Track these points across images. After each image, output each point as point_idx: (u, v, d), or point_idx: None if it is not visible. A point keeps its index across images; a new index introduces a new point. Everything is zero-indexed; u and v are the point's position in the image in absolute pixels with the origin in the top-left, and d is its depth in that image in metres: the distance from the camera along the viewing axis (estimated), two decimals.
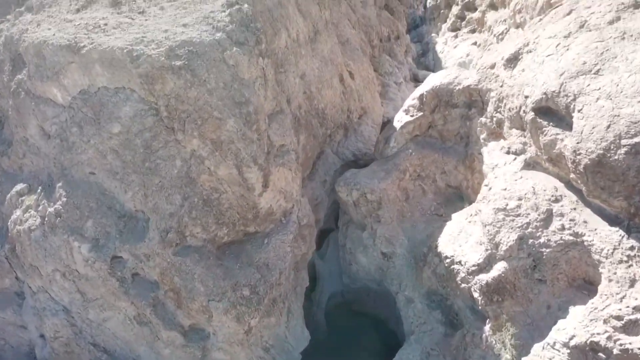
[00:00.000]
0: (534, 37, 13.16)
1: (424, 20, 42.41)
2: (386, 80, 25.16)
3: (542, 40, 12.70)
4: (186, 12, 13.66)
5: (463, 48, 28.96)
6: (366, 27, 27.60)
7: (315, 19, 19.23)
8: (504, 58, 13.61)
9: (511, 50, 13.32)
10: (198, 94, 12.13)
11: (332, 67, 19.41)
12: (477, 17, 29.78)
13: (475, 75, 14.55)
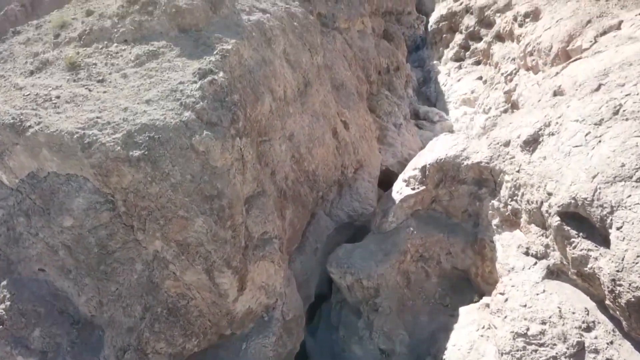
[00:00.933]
0: (556, 115, 11.25)
1: (425, 42, 40.55)
2: (384, 122, 23.25)
3: (566, 123, 10.79)
4: (151, 83, 11.76)
5: (467, 82, 27.08)
6: (363, 62, 25.72)
7: (305, 69, 17.35)
8: (520, 137, 11.71)
9: (529, 130, 11.42)
10: (160, 190, 10.22)
11: (324, 122, 17.52)
12: (482, 47, 27.89)
13: (487, 150, 12.64)
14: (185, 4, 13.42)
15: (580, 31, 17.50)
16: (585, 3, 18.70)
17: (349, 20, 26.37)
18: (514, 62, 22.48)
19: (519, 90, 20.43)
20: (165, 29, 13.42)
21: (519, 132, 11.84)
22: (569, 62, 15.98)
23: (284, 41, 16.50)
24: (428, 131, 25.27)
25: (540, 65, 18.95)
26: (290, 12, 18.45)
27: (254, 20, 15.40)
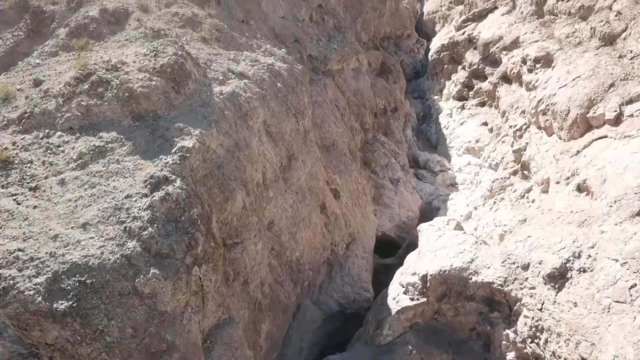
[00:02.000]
0: (588, 244, 9.15)
1: (425, 68, 38.44)
2: (380, 179, 21.13)
3: (602, 259, 8.71)
4: (92, 196, 9.63)
5: (471, 127, 24.94)
6: (358, 107, 23.61)
7: (289, 140, 15.24)
8: (543, 265, 9.59)
9: (554, 260, 9.31)
10: (92, 352, 8.09)
11: (311, 198, 15.40)
12: (487, 88, 25.74)
13: (500, 267, 10.52)
14: (140, 87, 11.30)
15: (601, 96, 15.38)
16: (606, 60, 16.59)
17: (342, 61, 24.29)
18: (523, 115, 20.36)
19: (530, 151, 18.32)
20: (117, 115, 11.29)
21: (539, 256, 9.69)
22: (591, 139, 13.87)
23: (264, 112, 14.39)
24: (428, 184, 23.15)
25: (556, 128, 16.85)
26: (273, 70, 16.33)
27: (227, 93, 13.29)
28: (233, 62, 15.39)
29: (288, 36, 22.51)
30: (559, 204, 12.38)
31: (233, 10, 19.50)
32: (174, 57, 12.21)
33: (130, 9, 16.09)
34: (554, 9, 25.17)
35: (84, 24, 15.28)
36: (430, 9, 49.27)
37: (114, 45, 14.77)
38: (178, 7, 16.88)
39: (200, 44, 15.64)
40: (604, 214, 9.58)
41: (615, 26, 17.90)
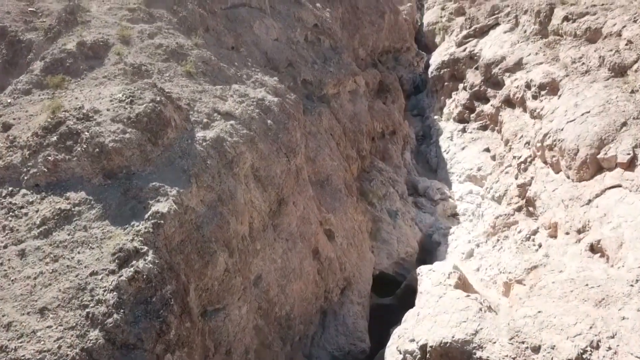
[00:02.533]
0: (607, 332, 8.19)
1: (425, 83, 37.40)
2: (378, 212, 20.14)
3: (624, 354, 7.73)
4: (53, 273, 8.65)
5: (473, 153, 23.95)
6: (354, 133, 22.59)
7: (279, 183, 14.23)
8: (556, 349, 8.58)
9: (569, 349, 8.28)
10: None
11: (303, 245, 14.42)
12: (490, 112, 24.77)
13: (507, 344, 9.56)
14: (112, 142, 10.30)
15: (613, 136, 14.39)
16: (617, 94, 15.59)
17: (339, 84, 23.28)
18: (528, 146, 19.36)
19: (535, 187, 17.33)
20: (86, 172, 10.31)
21: (552, 338, 8.71)
22: (603, 187, 12.89)
23: (251, 156, 13.40)
24: (428, 214, 22.14)
25: (563, 166, 15.87)
26: (264, 106, 15.33)
27: (211, 139, 12.30)
28: (219, 99, 14.39)
29: (282, 60, 21.51)
30: (570, 264, 11.42)
31: (222, 36, 18.50)
32: (151, 105, 11.21)
33: (111, 41, 15.09)
34: (559, 29, 24.20)
35: (60, 58, 14.28)
36: (430, 20, 48.30)
37: (91, 83, 13.78)
38: (162, 38, 15.88)
39: (184, 79, 14.64)
40: (625, 294, 8.59)
41: (626, 56, 16.92)
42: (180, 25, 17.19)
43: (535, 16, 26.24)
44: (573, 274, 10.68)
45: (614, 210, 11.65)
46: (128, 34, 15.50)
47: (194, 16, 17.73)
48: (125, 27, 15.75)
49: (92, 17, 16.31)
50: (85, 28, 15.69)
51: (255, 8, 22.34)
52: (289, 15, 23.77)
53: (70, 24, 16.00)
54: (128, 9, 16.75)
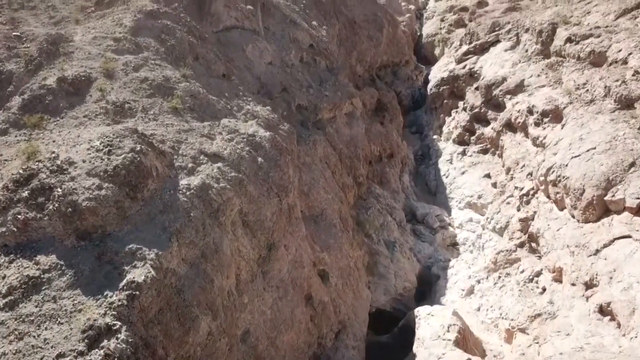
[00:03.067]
0: None
1: (424, 98, 36.67)
2: (375, 244, 19.42)
3: None
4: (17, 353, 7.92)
5: (473, 178, 23.24)
6: (351, 159, 21.87)
7: (269, 227, 13.50)
8: None
9: None
10: None
11: (294, 292, 13.69)
12: (490, 135, 24.05)
13: None
14: (86, 200, 9.57)
15: (621, 176, 13.68)
16: (624, 130, 14.87)
17: (335, 108, 22.58)
18: (530, 177, 18.63)
19: (538, 223, 16.61)
20: (58, 233, 9.58)
21: None
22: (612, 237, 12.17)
23: (239, 201, 12.68)
24: (427, 243, 21.41)
25: (568, 205, 15.16)
26: (254, 142, 14.60)
27: (196, 187, 11.57)
28: (207, 138, 13.66)
29: (275, 85, 20.80)
30: (578, 326, 10.72)
31: (212, 64, 17.78)
32: (130, 156, 10.49)
33: (94, 75, 14.36)
34: (562, 50, 23.51)
35: (39, 95, 13.58)
36: (430, 32, 47.69)
37: (70, 123, 13.06)
38: (148, 70, 15.15)
39: (170, 116, 13.91)
40: None
41: (633, 88, 16.22)
42: (168, 54, 16.47)
43: (537, 36, 25.57)
44: (582, 339, 9.96)
45: (623, 266, 10.94)
46: (112, 66, 14.76)
47: (183, 45, 17.01)
48: (109, 60, 15.02)
49: (75, 48, 15.58)
50: (67, 60, 14.96)
51: (248, 30, 21.64)
52: (284, 36, 23.08)
53: (52, 55, 15.29)
54: (113, 38, 16.02)
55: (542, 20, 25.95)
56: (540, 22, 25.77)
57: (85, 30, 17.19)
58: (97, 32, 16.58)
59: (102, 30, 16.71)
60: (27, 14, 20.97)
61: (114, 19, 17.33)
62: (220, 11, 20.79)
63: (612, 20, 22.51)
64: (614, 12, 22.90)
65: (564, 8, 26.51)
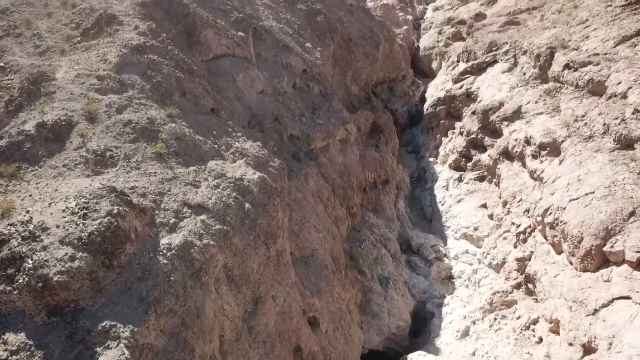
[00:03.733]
0: None
1: (421, 115, 36.17)
2: (368, 281, 18.95)
3: None
4: None
5: (469, 208, 22.77)
6: (344, 189, 21.39)
7: (256, 279, 13.03)
8: None
9: None
10: None
11: (282, 346, 13.21)
12: (487, 163, 23.58)
13: None
14: (58, 274, 9.08)
15: (620, 226, 13.23)
16: (624, 174, 14.39)
17: (328, 137, 22.10)
18: (527, 214, 18.17)
19: (535, 265, 16.17)
20: (28, 308, 9.09)
21: None
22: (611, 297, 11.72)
23: (224, 256, 12.20)
24: (422, 276, 20.93)
25: (566, 251, 14.72)
26: (242, 187, 14.11)
27: (177, 246, 11.09)
28: (192, 187, 13.17)
29: (267, 115, 20.32)
30: None
31: (201, 99, 17.28)
32: (106, 221, 10.00)
33: (75, 119, 13.87)
34: (560, 76, 23.05)
35: (17, 142, 13.07)
36: (427, 45, 47.29)
37: (49, 174, 12.57)
38: (132, 112, 14.65)
39: (154, 163, 13.41)
40: None
41: (633, 128, 15.76)
42: (154, 92, 15.97)
43: (535, 60, 25.12)
44: None
45: (623, 333, 10.49)
46: (95, 108, 14.26)
47: (170, 80, 16.51)
48: (91, 100, 14.52)
49: (57, 87, 15.06)
50: (48, 101, 14.46)
51: (239, 57, 21.14)
52: (276, 62, 22.57)
53: (33, 95, 14.79)
54: (97, 76, 15.51)
55: (540, 43, 25.50)
56: (538, 46, 25.31)
57: (69, 65, 16.66)
58: (81, 69, 16.06)
59: (86, 66, 16.18)
60: (12, 41, 20.42)
61: (99, 54, 16.81)
62: (210, 39, 20.29)
63: (612, 47, 22.05)
64: (613, 38, 22.45)
65: (562, 31, 26.06)
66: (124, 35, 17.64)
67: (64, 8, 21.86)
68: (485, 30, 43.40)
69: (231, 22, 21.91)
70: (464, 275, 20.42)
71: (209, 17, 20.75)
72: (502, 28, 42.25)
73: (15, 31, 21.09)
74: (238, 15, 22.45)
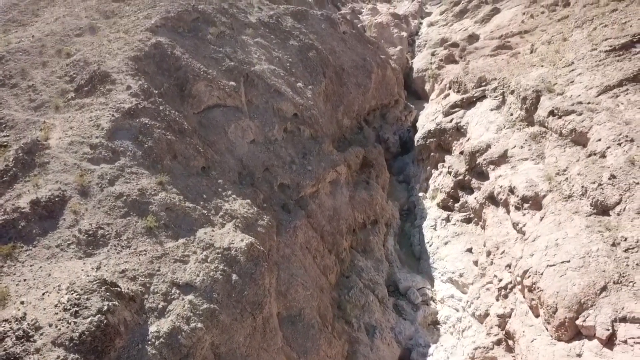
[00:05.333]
0: None
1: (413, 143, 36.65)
2: (355, 331, 19.50)
3: None
4: None
5: (456, 251, 23.33)
6: (334, 235, 21.92)
7: (243, 351, 13.56)
8: None
9: None
10: None
11: None
12: (474, 206, 24.15)
13: None
14: None
15: (592, 300, 13.80)
16: (599, 245, 14.94)
17: (317, 182, 22.58)
18: (509, 270, 18.74)
19: (515, 324, 16.76)
20: None
21: None
22: None
23: (211, 335, 12.74)
24: (409, 322, 21.52)
25: (542, 316, 15.31)
26: (229, 257, 14.63)
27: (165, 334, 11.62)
28: (180, 263, 13.69)
29: (257, 166, 20.82)
30: None
31: (192, 160, 17.77)
32: (97, 319, 10.51)
33: (68, 193, 14.36)
34: (545, 122, 23.58)
35: (12, 219, 13.54)
36: (420, 67, 47.75)
37: (43, 255, 13.06)
38: (123, 183, 15.14)
39: (144, 239, 13.91)
40: None
41: (609, 195, 16.31)
42: (146, 158, 16.45)
43: (521, 102, 25.65)
44: None
45: None
46: (87, 180, 14.75)
47: (161, 145, 16.99)
48: (84, 172, 15.02)
49: (51, 157, 15.53)
50: (42, 173, 14.94)
51: (230, 107, 21.61)
52: (267, 109, 23.03)
53: (27, 166, 15.24)
54: (90, 145, 15.98)
55: (527, 85, 26.00)
56: (525, 88, 25.82)
57: (63, 128, 17.13)
58: (74, 134, 16.50)
59: (79, 132, 16.63)
60: (7, 92, 20.88)
61: (92, 117, 17.27)
62: (201, 92, 20.76)
63: (594, 96, 22.57)
64: (596, 87, 22.96)
65: (548, 72, 26.56)
66: (116, 96, 18.08)
67: (58, 57, 22.34)
68: (477, 54, 44.01)
69: (222, 71, 22.36)
70: (449, 321, 21.01)
71: (200, 68, 21.20)
72: (494, 52, 42.91)
73: (11, 81, 21.55)
74: (230, 63, 22.88)
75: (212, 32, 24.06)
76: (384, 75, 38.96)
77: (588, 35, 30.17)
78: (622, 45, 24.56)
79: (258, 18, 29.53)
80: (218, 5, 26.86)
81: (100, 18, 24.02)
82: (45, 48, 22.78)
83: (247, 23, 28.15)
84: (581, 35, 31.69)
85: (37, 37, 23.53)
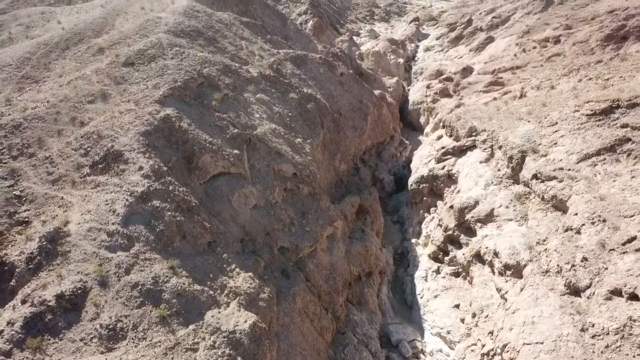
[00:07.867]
0: None
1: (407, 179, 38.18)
2: None
3: None
4: None
5: (444, 307, 24.93)
6: (330, 294, 23.47)
7: None
8: None
9: None
10: None
11: None
12: (462, 262, 25.73)
13: None
14: None
15: None
16: (569, 330, 16.53)
17: (315, 242, 24.10)
18: (491, 337, 20.34)
19: None
20: None
21: None
22: None
23: None
24: None
25: None
26: (234, 340, 16.16)
27: None
28: (191, 352, 15.22)
29: (259, 232, 22.34)
30: None
31: (199, 238, 19.25)
32: None
33: (89, 285, 15.87)
34: (529, 184, 25.15)
35: (40, 312, 15.05)
36: (416, 99, 49.25)
37: (69, 348, 14.57)
38: (138, 271, 16.65)
39: (158, 329, 15.44)
40: None
41: (580, 277, 17.87)
42: (157, 242, 17.94)
43: (508, 160, 27.21)
44: None
45: None
46: (105, 270, 16.25)
47: (171, 227, 18.49)
48: (103, 260, 16.52)
49: (71, 246, 17.02)
50: (64, 263, 16.44)
51: (234, 175, 23.11)
52: (268, 172, 24.53)
53: (50, 254, 16.75)
54: (107, 232, 17.48)
55: (513, 143, 27.56)
56: (512, 146, 27.40)
57: (80, 210, 18.59)
58: (92, 219, 17.96)
59: (96, 216, 18.08)
60: (26, 163, 22.39)
61: (107, 201, 18.73)
62: (207, 163, 22.24)
63: (575, 162, 24.15)
64: (577, 152, 24.53)
65: (534, 130, 28.08)
66: (130, 178, 19.55)
67: (72, 125, 23.77)
68: (470, 90, 45.61)
69: (227, 140, 23.86)
70: None
71: (206, 140, 22.69)
72: (486, 88, 44.54)
73: (28, 150, 23.04)
74: (233, 131, 24.38)
75: (216, 97, 25.49)
76: (379, 115, 40.50)
77: (573, 89, 31.79)
78: (602, 110, 26.13)
79: (259, 71, 30.98)
80: (221, 66, 28.28)
81: (111, 84, 25.43)
82: (60, 115, 24.23)
83: (249, 78, 29.62)
84: (567, 86, 33.33)
85: (52, 103, 24.97)
